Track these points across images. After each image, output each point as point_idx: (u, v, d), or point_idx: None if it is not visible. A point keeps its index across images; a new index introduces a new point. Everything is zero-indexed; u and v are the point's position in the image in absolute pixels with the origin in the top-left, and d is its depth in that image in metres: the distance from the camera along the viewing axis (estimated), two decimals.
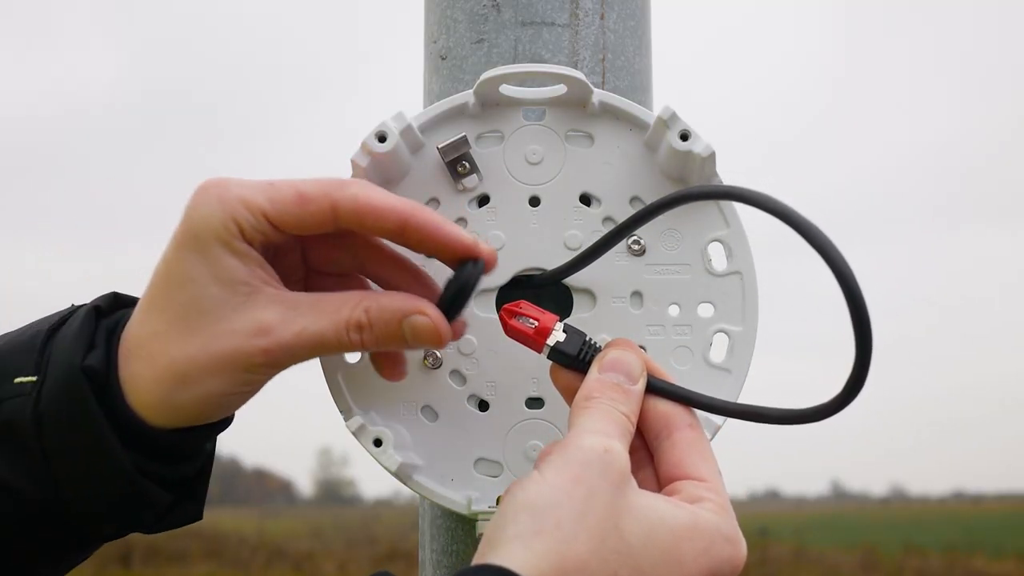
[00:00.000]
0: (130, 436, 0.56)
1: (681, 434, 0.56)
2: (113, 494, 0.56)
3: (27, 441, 0.55)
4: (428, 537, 0.72)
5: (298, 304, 0.56)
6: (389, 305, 0.56)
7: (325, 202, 0.55)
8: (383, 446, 0.62)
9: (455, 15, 0.72)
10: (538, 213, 0.65)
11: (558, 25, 0.70)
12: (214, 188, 0.56)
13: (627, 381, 0.56)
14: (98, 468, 0.55)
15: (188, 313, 0.55)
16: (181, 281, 0.55)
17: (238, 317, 0.55)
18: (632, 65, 0.72)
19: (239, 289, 0.55)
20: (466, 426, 0.64)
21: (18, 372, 0.56)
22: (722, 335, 0.64)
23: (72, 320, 0.58)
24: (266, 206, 0.55)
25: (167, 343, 0.55)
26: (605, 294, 0.65)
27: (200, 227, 0.55)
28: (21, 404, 0.55)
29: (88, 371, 0.55)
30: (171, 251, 0.56)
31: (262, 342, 0.55)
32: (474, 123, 0.65)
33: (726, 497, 0.54)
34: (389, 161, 0.62)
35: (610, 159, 0.65)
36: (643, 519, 0.50)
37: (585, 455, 0.51)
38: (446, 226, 0.56)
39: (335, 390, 0.64)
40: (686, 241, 0.65)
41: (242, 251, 0.55)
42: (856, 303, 0.50)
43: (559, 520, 0.49)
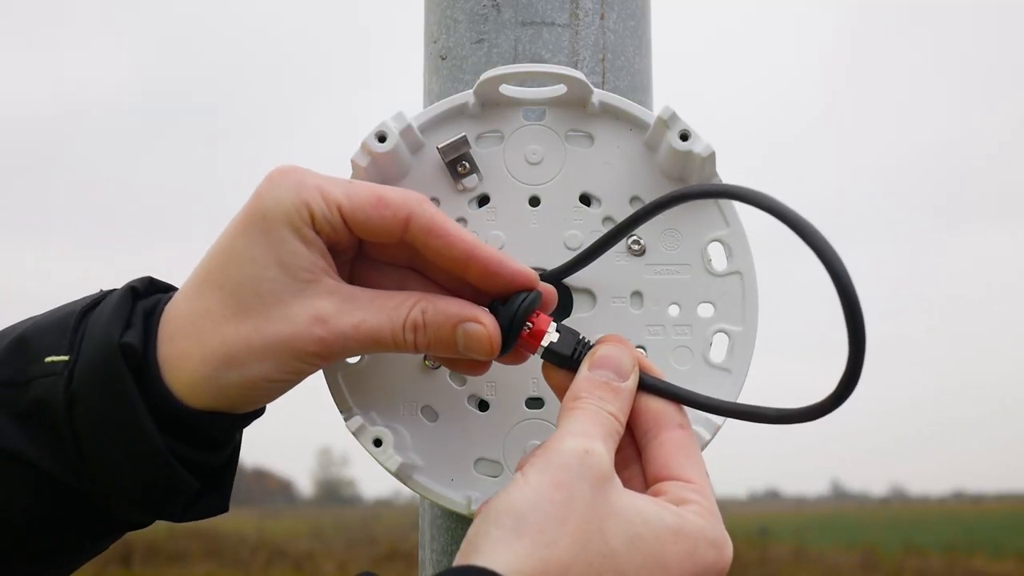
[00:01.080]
0: (164, 417, 0.55)
1: (670, 434, 0.56)
2: (143, 476, 0.55)
3: (58, 421, 0.55)
4: (428, 537, 0.72)
5: (357, 297, 0.56)
6: (445, 309, 0.56)
7: (402, 211, 0.55)
8: (383, 446, 0.62)
9: (455, 15, 0.72)
10: (538, 213, 0.65)
11: (558, 25, 0.70)
12: (292, 173, 0.55)
13: (616, 378, 0.56)
14: (130, 448, 0.55)
15: (244, 293, 0.54)
16: (241, 260, 0.55)
17: (296, 303, 0.54)
18: (632, 65, 0.72)
19: (300, 275, 0.55)
20: (466, 426, 0.64)
21: (49, 351, 0.56)
22: (722, 335, 0.64)
23: (108, 300, 0.57)
24: (343, 200, 0.55)
25: (220, 322, 0.55)
26: (605, 294, 0.65)
27: (270, 208, 0.54)
28: (52, 383, 0.55)
29: (125, 348, 0.55)
30: (234, 230, 0.55)
31: (318, 331, 0.54)
32: (474, 123, 0.65)
33: (713, 500, 0.54)
34: (389, 161, 0.62)
35: (610, 159, 0.65)
36: (626, 521, 0.50)
37: (565, 458, 0.51)
38: (509, 261, 0.57)
39: (335, 390, 0.64)
40: (686, 241, 0.65)
41: (309, 238, 0.55)
42: (850, 302, 0.50)
43: (541, 523, 0.49)
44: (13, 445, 0.55)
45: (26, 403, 0.55)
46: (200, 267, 0.57)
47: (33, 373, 0.56)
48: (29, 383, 0.56)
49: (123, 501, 0.57)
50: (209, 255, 0.56)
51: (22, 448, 0.55)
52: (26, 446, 0.55)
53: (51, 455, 0.55)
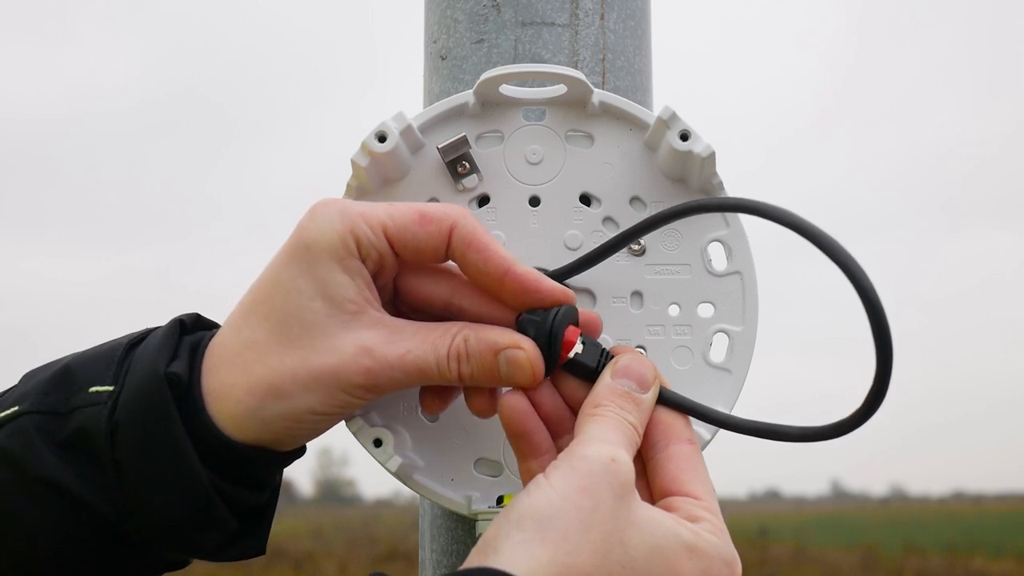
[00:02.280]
0: (207, 450, 0.55)
1: (679, 448, 0.56)
2: (183, 509, 0.55)
3: (100, 450, 0.54)
4: (428, 537, 0.72)
5: (402, 329, 0.56)
6: (486, 336, 0.56)
7: (446, 223, 0.56)
8: (383, 446, 0.61)
9: (455, 15, 0.72)
10: (538, 213, 0.65)
11: (558, 25, 0.70)
12: (334, 203, 0.56)
13: (638, 389, 0.56)
14: (171, 479, 0.54)
15: (290, 324, 0.54)
16: (286, 292, 0.55)
17: (342, 335, 0.54)
18: (632, 65, 0.72)
19: (345, 307, 0.55)
20: (466, 426, 0.64)
21: (94, 382, 0.56)
22: (722, 335, 0.64)
23: (155, 333, 0.57)
24: (387, 221, 0.55)
25: (265, 353, 0.55)
26: (605, 294, 0.65)
27: (315, 240, 0.55)
28: (95, 413, 0.55)
29: (171, 378, 0.54)
30: (279, 262, 0.56)
31: (365, 362, 0.54)
32: (474, 123, 0.65)
33: (721, 518, 0.54)
34: (389, 161, 0.62)
35: (610, 159, 0.65)
36: (647, 533, 0.50)
37: (591, 464, 0.51)
38: (544, 280, 0.57)
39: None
40: (686, 241, 0.65)
41: (353, 269, 0.55)
42: (877, 317, 0.49)
43: (564, 530, 0.49)
44: (52, 473, 0.54)
45: (68, 432, 0.55)
46: (245, 298, 0.57)
47: (77, 403, 0.55)
48: (72, 412, 0.55)
49: (160, 533, 0.56)
50: (254, 286, 0.57)
51: (61, 477, 0.54)
52: (65, 474, 0.54)
53: (90, 485, 0.55)
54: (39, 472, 0.54)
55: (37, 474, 0.54)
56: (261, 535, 0.61)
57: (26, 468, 0.55)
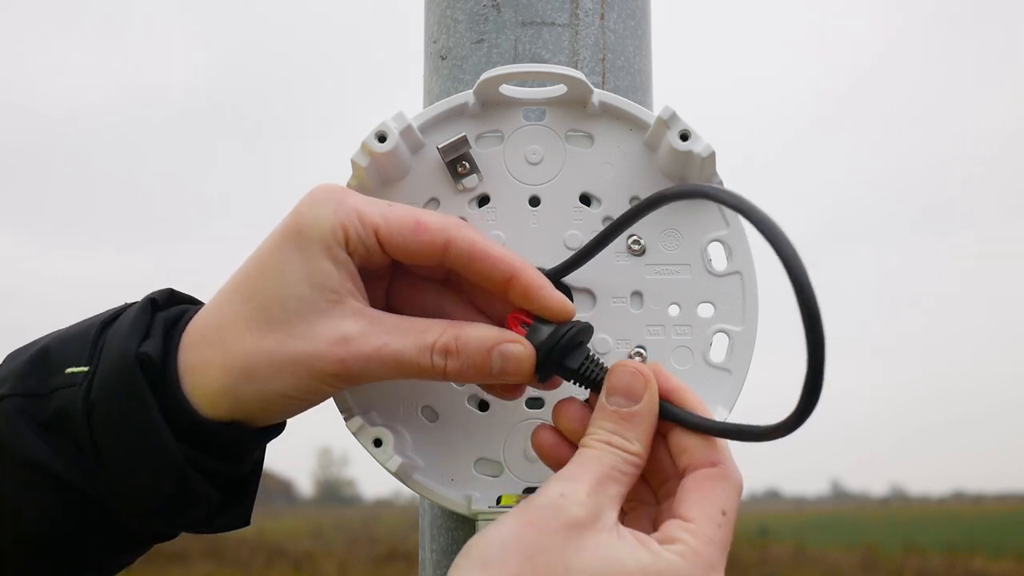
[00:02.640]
0: (182, 427, 0.56)
1: (699, 472, 0.54)
2: (162, 485, 0.56)
3: (78, 430, 0.55)
4: (428, 537, 0.72)
5: (382, 321, 0.56)
6: (477, 334, 0.56)
7: (441, 236, 0.56)
8: (383, 446, 0.62)
9: (455, 15, 0.72)
10: (538, 213, 0.65)
11: (558, 25, 0.70)
12: (334, 192, 0.56)
13: (627, 403, 0.55)
14: (147, 458, 0.55)
15: (271, 307, 0.55)
16: (272, 274, 0.55)
17: (321, 322, 0.55)
18: (632, 65, 0.72)
19: (327, 295, 0.55)
20: (466, 426, 0.64)
21: (70, 363, 0.57)
22: (722, 335, 0.64)
23: (127, 312, 0.58)
24: (380, 223, 0.55)
25: (243, 332, 0.55)
26: (605, 294, 0.65)
27: (308, 226, 0.55)
28: (73, 394, 0.56)
29: (142, 358, 0.55)
30: (270, 244, 0.56)
31: (340, 351, 0.54)
32: (474, 123, 0.65)
33: (710, 543, 0.51)
34: (389, 161, 0.62)
35: (610, 159, 0.65)
36: (593, 561, 0.49)
37: (540, 499, 0.51)
38: (550, 288, 0.57)
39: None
40: (686, 241, 0.65)
41: (341, 259, 0.55)
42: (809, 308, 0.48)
43: (506, 559, 0.49)
44: (37, 455, 0.55)
45: (49, 414, 0.56)
46: (232, 278, 0.57)
47: (55, 384, 0.56)
48: (51, 394, 0.56)
49: (142, 510, 0.57)
50: (243, 266, 0.57)
51: (45, 458, 0.55)
52: (49, 456, 0.55)
53: (73, 465, 0.56)
54: (23, 454, 0.55)
55: (22, 456, 0.55)
56: (246, 506, 0.61)
57: (10, 450, 0.56)
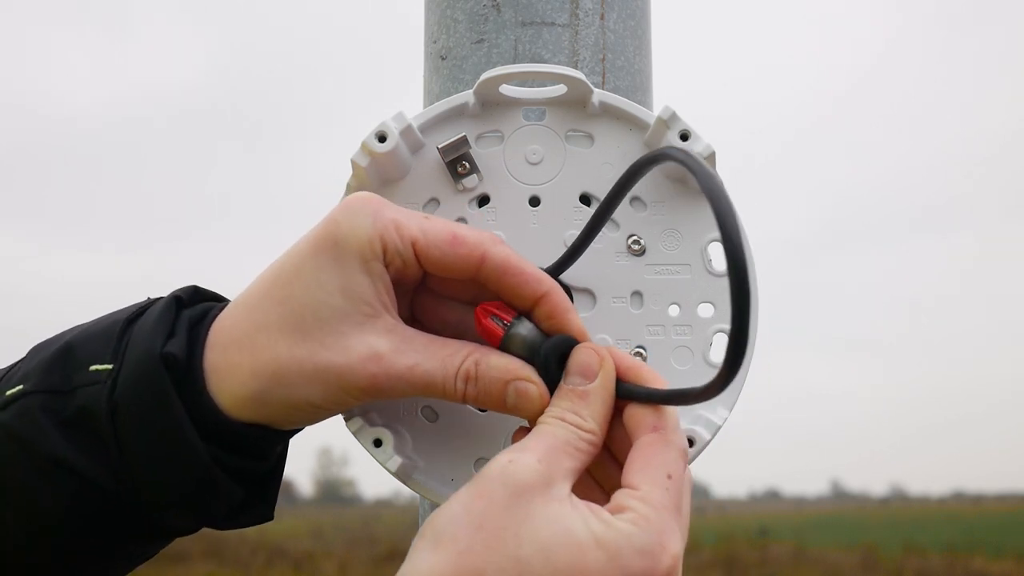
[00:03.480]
0: (206, 425, 0.56)
1: (641, 439, 0.55)
2: (186, 483, 0.56)
3: (102, 429, 0.55)
4: None
5: (413, 339, 0.56)
6: (498, 364, 0.56)
7: (477, 251, 0.56)
8: (383, 446, 0.61)
9: (455, 15, 0.72)
10: (538, 213, 0.65)
11: (558, 25, 0.70)
12: (370, 203, 0.56)
13: (582, 381, 0.55)
14: (172, 456, 0.55)
15: (305, 315, 0.55)
16: (307, 282, 0.55)
17: (354, 336, 0.55)
18: (632, 65, 0.72)
19: (362, 308, 0.55)
20: (466, 426, 0.64)
21: (94, 360, 0.57)
22: (722, 335, 0.64)
23: (152, 309, 0.58)
24: (418, 236, 0.55)
25: (276, 338, 0.55)
26: (605, 294, 0.64)
27: (345, 236, 0.55)
28: (96, 392, 0.56)
29: (167, 358, 0.55)
30: (304, 251, 0.56)
31: (372, 367, 0.54)
32: (474, 123, 0.65)
33: (659, 508, 0.51)
34: (389, 161, 0.62)
35: (610, 159, 0.65)
36: (544, 529, 0.49)
37: (488, 469, 0.51)
38: (574, 314, 0.57)
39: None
40: (686, 241, 0.65)
41: (377, 272, 0.55)
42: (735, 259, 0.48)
43: (456, 533, 0.49)
44: (59, 452, 0.56)
45: (72, 411, 0.56)
46: (262, 281, 0.57)
47: (78, 381, 0.56)
48: (75, 391, 0.56)
49: (166, 508, 0.57)
50: (274, 271, 0.57)
51: (67, 455, 0.55)
52: (71, 453, 0.55)
53: (96, 462, 0.56)
54: (47, 451, 0.56)
55: (45, 453, 0.56)
56: (269, 502, 0.61)
57: (34, 448, 0.56)
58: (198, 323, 0.58)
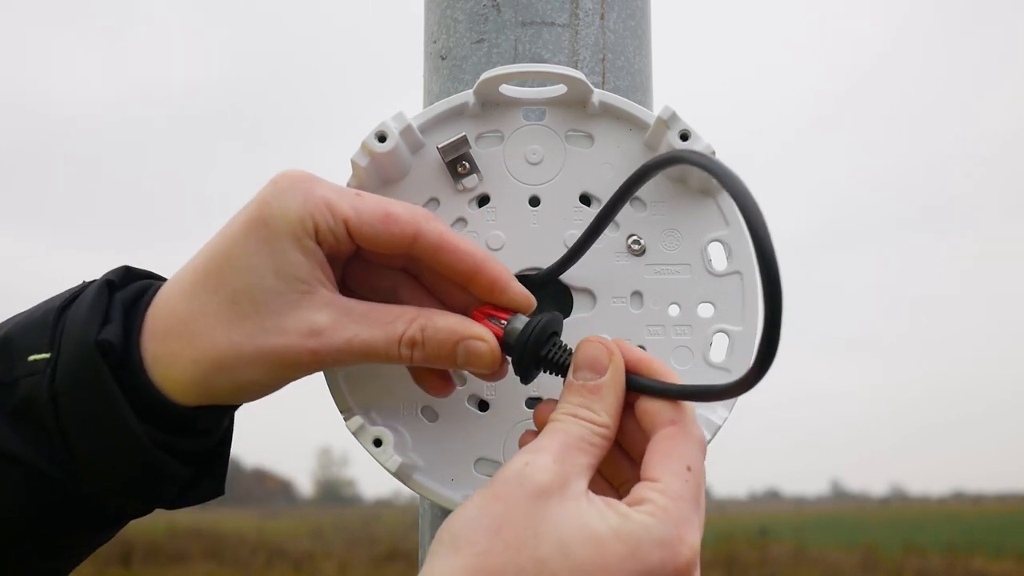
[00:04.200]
0: (147, 410, 0.56)
1: (659, 432, 0.54)
2: (130, 469, 0.56)
3: (44, 419, 0.55)
4: (428, 537, 0.72)
5: (352, 310, 0.56)
6: (445, 326, 0.56)
7: (410, 228, 0.56)
8: (383, 446, 0.62)
9: (455, 15, 0.72)
10: (538, 213, 0.65)
11: (558, 25, 0.70)
12: (300, 182, 0.55)
13: (592, 376, 0.55)
14: (114, 443, 0.55)
15: (240, 300, 0.55)
16: (239, 267, 0.55)
17: (291, 314, 0.55)
18: (632, 65, 0.72)
19: (297, 286, 0.55)
20: (466, 426, 0.64)
21: (32, 350, 0.57)
22: (722, 335, 0.64)
23: (84, 295, 0.58)
24: (350, 214, 0.55)
25: (213, 326, 0.55)
26: (605, 294, 0.65)
27: (275, 217, 0.55)
28: (36, 382, 0.56)
29: (103, 345, 0.55)
30: (234, 233, 0.56)
31: (312, 343, 0.55)
32: (474, 123, 0.65)
33: (678, 499, 0.51)
34: (389, 161, 0.62)
35: (610, 159, 0.65)
36: (563, 526, 0.49)
37: (504, 473, 0.51)
38: (512, 282, 0.58)
39: (335, 390, 0.64)
40: (686, 241, 0.65)
41: (310, 249, 0.55)
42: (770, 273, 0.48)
43: (474, 536, 0.49)
44: (5, 444, 0.56)
45: (15, 403, 0.56)
46: (196, 265, 0.57)
47: (19, 372, 0.56)
48: (16, 382, 0.56)
49: (113, 494, 0.57)
50: (207, 255, 0.56)
51: (14, 447, 0.56)
52: (18, 445, 0.56)
53: (41, 453, 0.56)
54: None
55: None
56: (218, 477, 0.62)
57: None
58: (132, 306, 0.58)
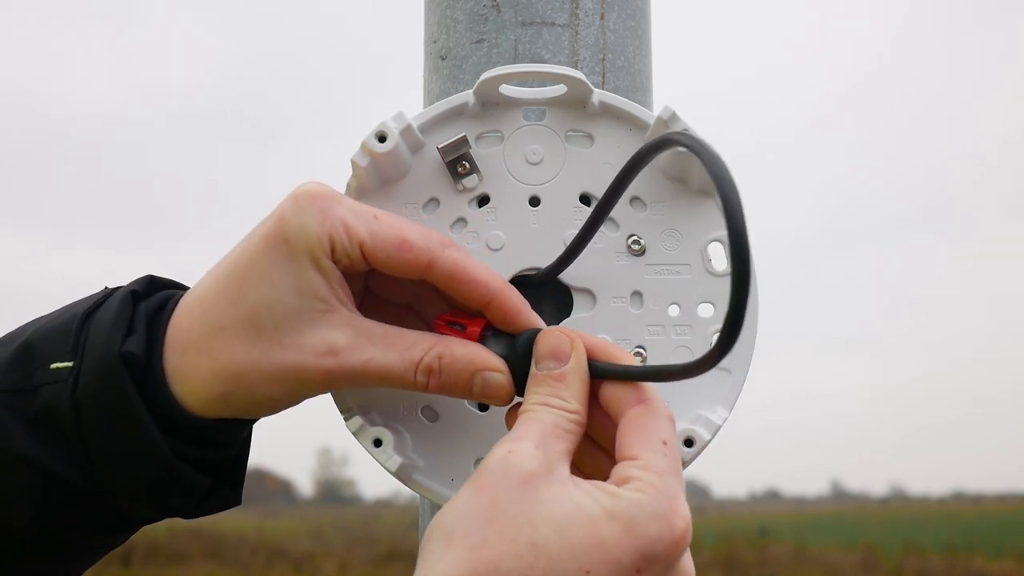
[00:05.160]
0: (168, 422, 0.56)
1: (627, 413, 0.55)
2: (150, 478, 0.56)
3: (66, 427, 0.56)
4: None
5: (370, 333, 0.56)
6: (463, 356, 0.57)
7: (425, 257, 0.56)
8: (383, 446, 0.61)
9: (455, 15, 0.72)
10: (538, 213, 0.65)
11: (558, 25, 0.70)
12: (320, 200, 0.56)
13: (556, 365, 0.56)
14: (135, 453, 0.56)
15: (259, 315, 0.55)
16: (259, 282, 0.55)
17: (309, 332, 0.55)
18: (632, 65, 0.72)
19: (316, 305, 0.55)
20: (466, 426, 0.64)
21: (55, 358, 0.57)
22: None
23: (108, 304, 0.58)
24: (366, 239, 0.56)
25: (231, 340, 0.55)
26: (605, 294, 0.64)
27: (294, 234, 0.55)
28: (59, 390, 0.56)
29: (127, 357, 0.55)
30: (255, 248, 0.56)
31: (327, 363, 0.55)
32: (474, 123, 0.65)
33: (664, 473, 0.51)
34: (389, 161, 0.62)
35: (610, 159, 0.65)
36: (555, 509, 0.49)
37: (488, 463, 0.51)
38: (527, 311, 0.58)
39: (335, 390, 0.64)
40: (686, 241, 0.65)
41: (327, 268, 0.55)
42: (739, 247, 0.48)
43: (467, 528, 0.49)
44: (25, 451, 0.56)
45: (36, 410, 0.56)
46: (216, 278, 0.57)
47: (40, 379, 0.56)
48: (37, 390, 0.56)
49: (133, 503, 0.57)
50: (227, 268, 0.57)
51: (33, 454, 0.56)
52: (37, 452, 0.56)
53: (61, 460, 0.56)
54: (12, 450, 0.56)
55: (11, 452, 0.56)
56: (236, 486, 0.62)
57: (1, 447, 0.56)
58: (156, 315, 0.58)
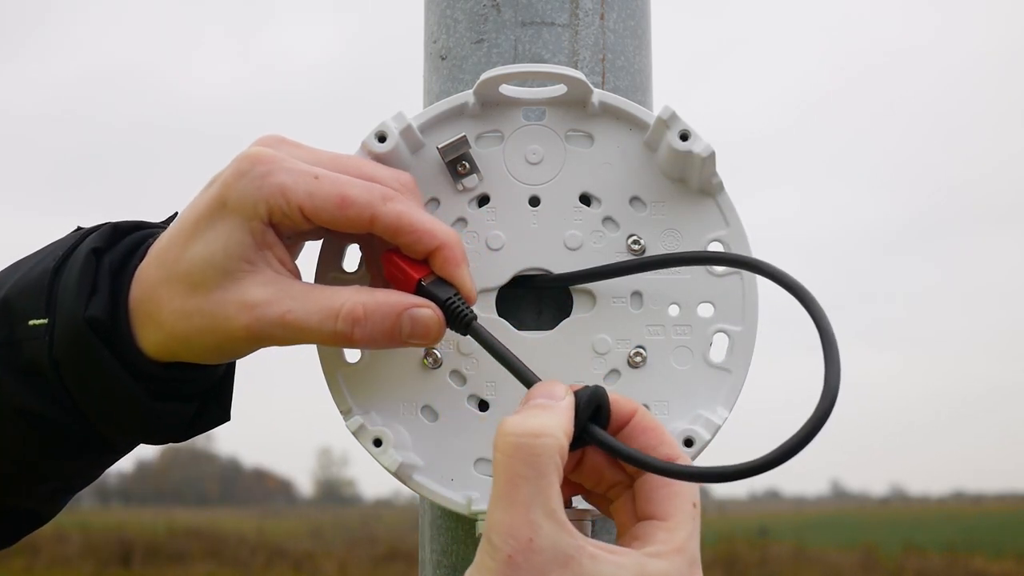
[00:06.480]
0: (140, 367, 0.59)
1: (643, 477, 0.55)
2: (135, 418, 0.60)
3: (49, 378, 0.59)
4: (428, 537, 0.72)
5: (291, 288, 0.58)
6: (386, 300, 0.58)
7: (367, 212, 0.57)
8: (383, 446, 0.62)
9: (455, 15, 0.72)
10: (538, 213, 0.65)
11: (558, 25, 0.70)
12: (260, 164, 0.57)
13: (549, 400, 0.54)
14: (115, 400, 0.59)
15: (193, 272, 0.58)
16: (197, 242, 0.58)
17: (232, 289, 0.57)
18: (632, 65, 0.72)
19: (241, 266, 0.57)
20: (466, 426, 0.64)
21: (31, 314, 0.60)
22: (722, 335, 0.64)
23: (74, 260, 0.60)
24: (304, 201, 0.57)
25: (173, 293, 0.58)
26: (605, 294, 0.65)
27: (231, 198, 0.57)
28: (38, 347, 0.59)
29: (91, 321, 0.58)
30: (199, 210, 0.58)
31: (244, 317, 0.57)
32: (474, 123, 0.65)
33: (690, 536, 0.52)
34: (389, 161, 0.62)
35: (610, 159, 0.65)
36: None
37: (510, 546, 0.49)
38: (465, 268, 0.59)
39: (335, 390, 0.64)
40: (686, 241, 0.65)
41: (258, 231, 0.57)
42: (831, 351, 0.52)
43: None
44: (21, 402, 0.59)
45: (23, 362, 0.59)
46: (172, 233, 0.59)
47: (21, 335, 0.60)
48: (20, 344, 0.59)
49: (126, 439, 0.62)
50: (177, 227, 0.59)
51: (30, 404, 0.59)
52: (33, 402, 0.59)
53: (53, 405, 0.59)
54: (8, 399, 0.59)
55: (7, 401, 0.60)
56: (224, 404, 0.65)
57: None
58: (120, 270, 0.60)
